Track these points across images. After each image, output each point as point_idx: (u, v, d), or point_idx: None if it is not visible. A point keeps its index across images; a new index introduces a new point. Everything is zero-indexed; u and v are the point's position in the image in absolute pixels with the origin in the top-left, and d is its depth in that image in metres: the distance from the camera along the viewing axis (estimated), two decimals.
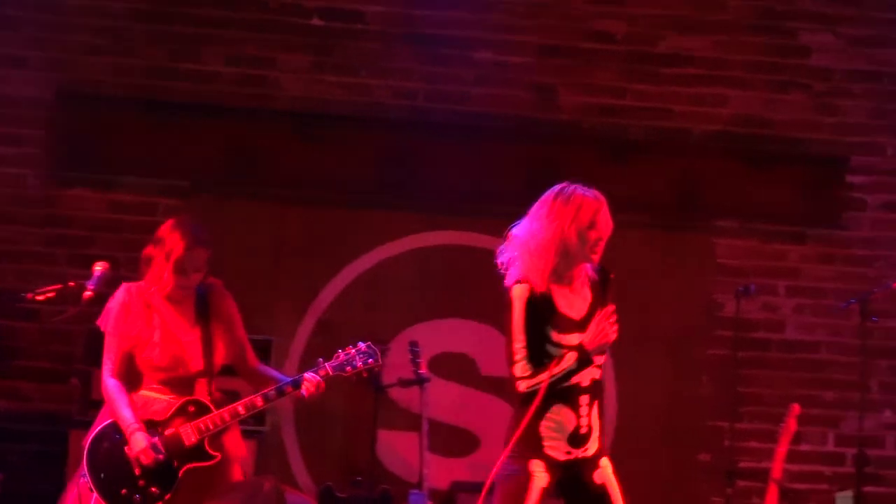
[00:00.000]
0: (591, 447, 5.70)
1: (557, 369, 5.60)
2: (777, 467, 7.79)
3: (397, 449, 8.68)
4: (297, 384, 6.16)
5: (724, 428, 8.81)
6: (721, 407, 8.88)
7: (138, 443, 6.04)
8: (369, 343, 6.28)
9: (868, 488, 8.70)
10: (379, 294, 8.97)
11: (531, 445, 5.64)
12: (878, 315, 8.38)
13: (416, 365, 7.77)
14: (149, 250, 6.22)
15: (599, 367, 5.69)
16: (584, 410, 5.68)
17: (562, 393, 5.62)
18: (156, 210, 8.82)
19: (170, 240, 6.14)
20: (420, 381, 7.75)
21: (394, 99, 9.16)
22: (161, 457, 6.05)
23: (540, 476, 5.62)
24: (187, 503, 6.12)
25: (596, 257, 5.74)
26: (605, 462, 5.77)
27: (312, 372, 6.18)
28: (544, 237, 5.71)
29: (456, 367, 8.92)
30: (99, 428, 6.18)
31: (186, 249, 6.12)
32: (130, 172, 8.92)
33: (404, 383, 7.82)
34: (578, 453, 5.69)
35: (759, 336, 9.20)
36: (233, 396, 6.31)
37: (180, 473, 6.11)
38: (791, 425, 7.80)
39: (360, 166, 9.04)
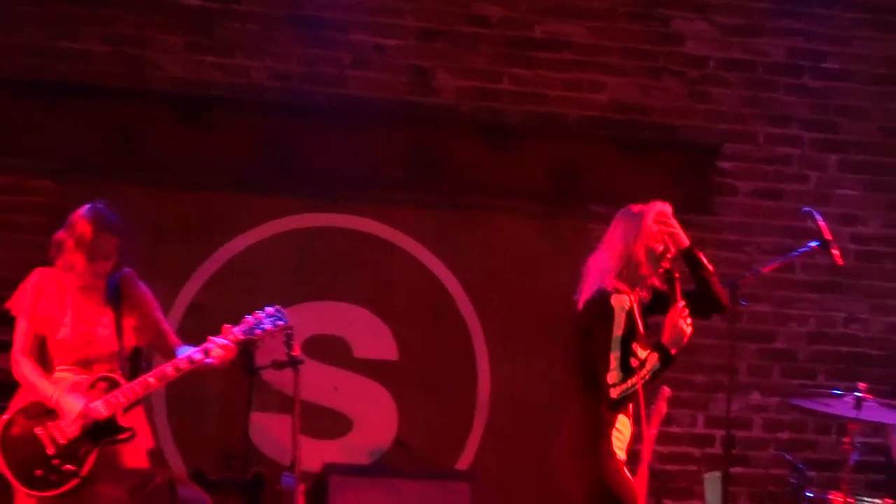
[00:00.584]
0: None
1: (644, 371, 5.75)
2: (647, 449, 7.86)
3: (270, 431, 8.66)
4: (206, 352, 6.26)
5: None
6: None
7: (74, 405, 6.11)
8: (277, 307, 6.48)
9: (735, 469, 8.89)
10: (253, 276, 8.89)
11: (609, 452, 5.89)
12: (748, 299, 8.51)
13: (290, 347, 7.75)
14: (60, 235, 6.28)
15: None
16: (632, 419, 5.87)
17: (626, 403, 5.86)
18: (30, 192, 8.74)
19: (79, 225, 6.21)
20: (293, 364, 7.73)
21: (272, 81, 9.11)
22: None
23: None
24: (103, 479, 6.16)
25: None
26: None
27: (220, 337, 6.26)
28: (612, 254, 5.92)
29: (329, 350, 8.91)
30: (7, 416, 6.20)
31: (94, 235, 6.18)
32: (3, 153, 8.75)
33: (277, 365, 7.77)
34: (625, 459, 5.94)
35: None
36: None
37: (95, 449, 6.15)
38: (661, 408, 7.86)
39: (239, 149, 8.96)
